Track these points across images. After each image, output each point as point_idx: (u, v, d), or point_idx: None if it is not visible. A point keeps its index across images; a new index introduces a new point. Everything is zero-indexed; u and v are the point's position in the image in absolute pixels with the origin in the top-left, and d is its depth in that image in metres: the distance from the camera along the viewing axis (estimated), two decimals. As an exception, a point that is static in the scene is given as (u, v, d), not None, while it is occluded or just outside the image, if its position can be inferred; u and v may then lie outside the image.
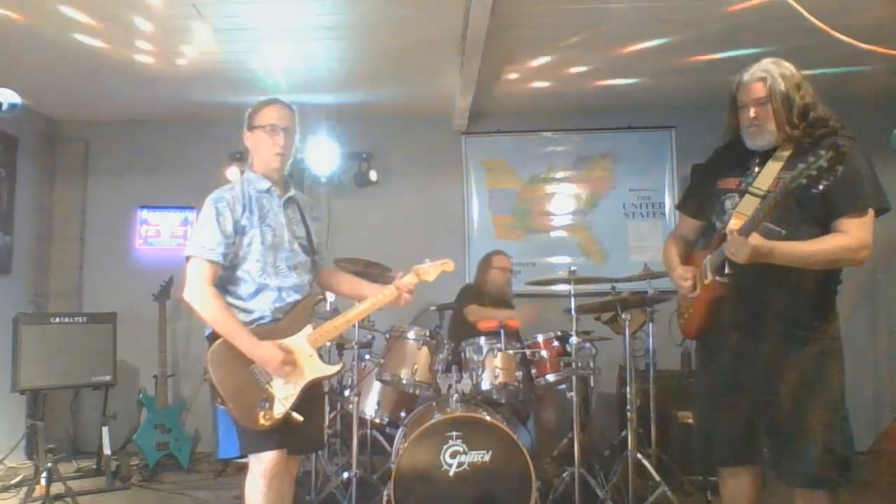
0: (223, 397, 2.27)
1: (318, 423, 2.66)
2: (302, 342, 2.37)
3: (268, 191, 2.46)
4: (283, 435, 2.28)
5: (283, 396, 2.28)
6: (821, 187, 1.92)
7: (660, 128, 5.30)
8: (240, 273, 2.39)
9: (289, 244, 2.44)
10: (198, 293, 2.31)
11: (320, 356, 2.41)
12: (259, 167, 2.49)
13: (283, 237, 2.44)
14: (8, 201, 4.88)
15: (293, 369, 2.30)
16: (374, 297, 2.47)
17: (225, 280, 2.39)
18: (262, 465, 2.26)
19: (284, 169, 2.51)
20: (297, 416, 2.28)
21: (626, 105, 5.15)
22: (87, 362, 4.32)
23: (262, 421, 2.22)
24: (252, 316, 2.37)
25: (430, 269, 2.54)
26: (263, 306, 2.38)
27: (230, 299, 2.38)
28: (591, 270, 4.72)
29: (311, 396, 2.38)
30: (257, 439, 2.26)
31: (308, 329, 2.40)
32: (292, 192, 2.55)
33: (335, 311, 3.85)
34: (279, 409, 2.26)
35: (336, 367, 2.54)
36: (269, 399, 2.26)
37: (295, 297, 2.42)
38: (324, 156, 4.94)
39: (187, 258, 2.36)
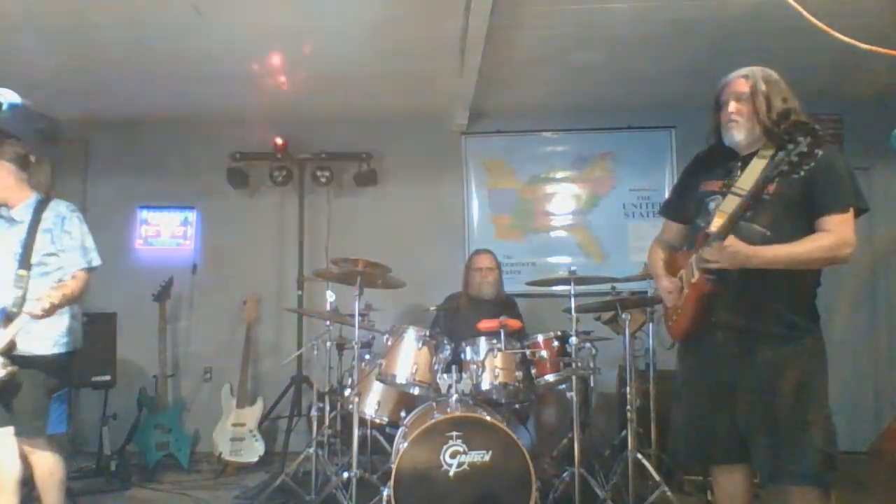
0: None
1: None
2: None
3: None
4: None
5: None
6: (802, 172, 1.97)
7: (660, 128, 5.30)
8: None
9: None
10: None
11: None
12: None
13: None
14: (8, 201, 4.88)
15: None
16: None
17: None
18: None
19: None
20: None
21: (626, 105, 5.15)
22: (87, 362, 4.30)
23: None
24: None
25: None
26: None
27: None
28: (591, 270, 4.72)
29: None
30: None
31: None
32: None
33: (335, 312, 3.87)
34: None
35: None
36: None
37: None
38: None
39: None
